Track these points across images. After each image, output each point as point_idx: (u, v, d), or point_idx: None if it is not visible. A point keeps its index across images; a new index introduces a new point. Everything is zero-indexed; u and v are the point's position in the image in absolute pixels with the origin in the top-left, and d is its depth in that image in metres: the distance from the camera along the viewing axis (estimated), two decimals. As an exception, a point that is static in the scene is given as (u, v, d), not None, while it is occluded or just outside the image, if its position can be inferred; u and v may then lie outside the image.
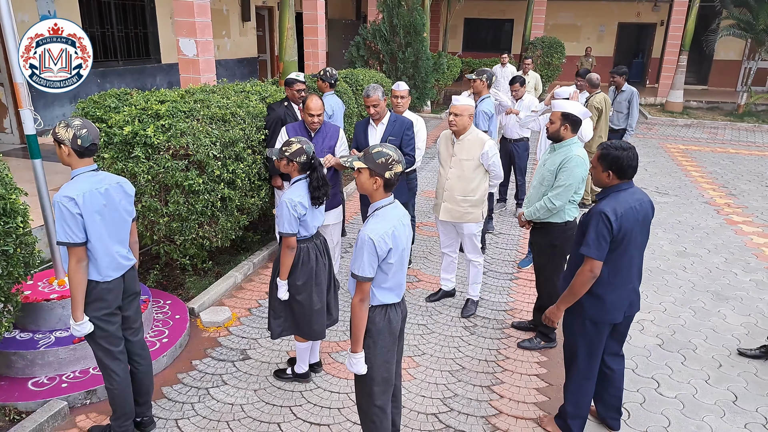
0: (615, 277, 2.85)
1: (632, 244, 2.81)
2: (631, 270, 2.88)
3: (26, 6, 7.79)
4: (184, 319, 4.09)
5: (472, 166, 4.12)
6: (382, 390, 2.61)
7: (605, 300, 2.87)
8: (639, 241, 2.85)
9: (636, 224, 2.78)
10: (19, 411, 3.14)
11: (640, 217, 2.79)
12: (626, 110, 7.11)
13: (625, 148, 2.78)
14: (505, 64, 10.74)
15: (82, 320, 2.68)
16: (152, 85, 10.40)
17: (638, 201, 2.81)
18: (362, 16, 18.77)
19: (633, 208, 2.77)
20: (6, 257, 2.93)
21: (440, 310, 4.59)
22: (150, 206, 4.15)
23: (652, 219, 2.91)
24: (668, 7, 17.73)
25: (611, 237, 2.74)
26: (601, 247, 2.74)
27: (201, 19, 6.49)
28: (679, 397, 3.57)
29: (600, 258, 2.76)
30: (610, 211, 2.72)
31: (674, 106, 15.29)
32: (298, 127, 4.35)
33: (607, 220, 2.71)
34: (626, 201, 2.77)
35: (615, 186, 2.83)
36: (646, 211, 2.83)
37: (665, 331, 4.36)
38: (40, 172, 3.49)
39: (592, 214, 2.80)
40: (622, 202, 2.76)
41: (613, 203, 2.76)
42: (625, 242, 2.78)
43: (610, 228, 2.72)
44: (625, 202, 2.77)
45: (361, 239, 2.41)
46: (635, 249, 2.85)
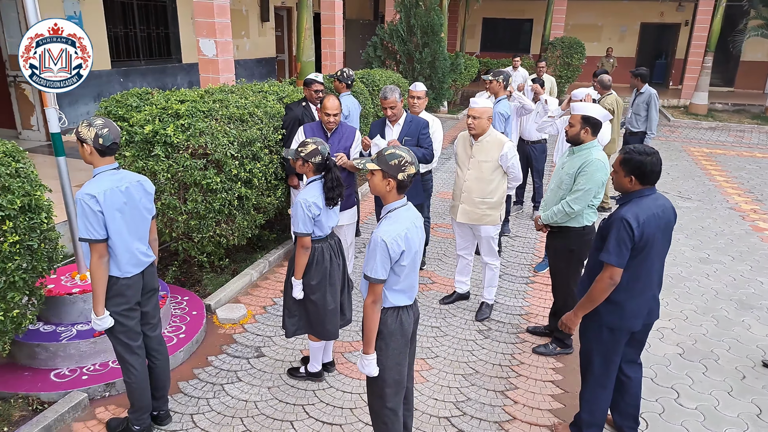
0: (635, 284, 2.81)
1: (653, 251, 2.77)
2: (651, 277, 2.84)
3: (53, 7, 7.97)
4: (201, 315, 4.15)
5: (491, 167, 4.10)
6: (393, 392, 2.62)
7: (624, 307, 2.84)
8: (660, 248, 2.81)
9: (658, 231, 2.74)
10: (42, 401, 3.23)
11: (662, 224, 2.75)
12: (645, 112, 7.00)
13: (649, 152, 2.74)
14: (517, 67, 10.57)
15: (102, 315, 2.74)
16: (173, 84, 10.55)
17: (661, 207, 2.77)
18: (380, 17, 18.80)
19: (655, 215, 2.73)
20: (30, 252, 3.01)
21: (454, 312, 4.58)
22: (169, 204, 4.22)
23: (675, 225, 2.87)
24: (693, 6, 17.42)
25: (632, 244, 2.70)
26: (622, 254, 2.71)
27: (220, 20, 6.57)
28: (699, 409, 3.50)
29: (620, 265, 2.72)
30: (632, 218, 2.68)
31: (698, 108, 15.01)
32: (315, 127, 4.39)
33: (629, 227, 2.68)
34: (649, 207, 2.73)
35: (637, 192, 2.79)
36: (669, 218, 2.79)
37: (686, 340, 4.28)
38: (64, 170, 3.58)
39: (613, 219, 2.76)
40: (644, 209, 2.72)
41: (635, 209, 2.72)
42: (646, 249, 2.74)
43: (632, 235, 2.68)
44: (648, 209, 2.73)
45: (373, 241, 2.42)
46: (656, 256, 2.81)
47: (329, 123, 4.26)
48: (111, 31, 9.12)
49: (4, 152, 2.96)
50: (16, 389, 3.26)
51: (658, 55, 20.76)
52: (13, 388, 3.26)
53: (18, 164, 3.00)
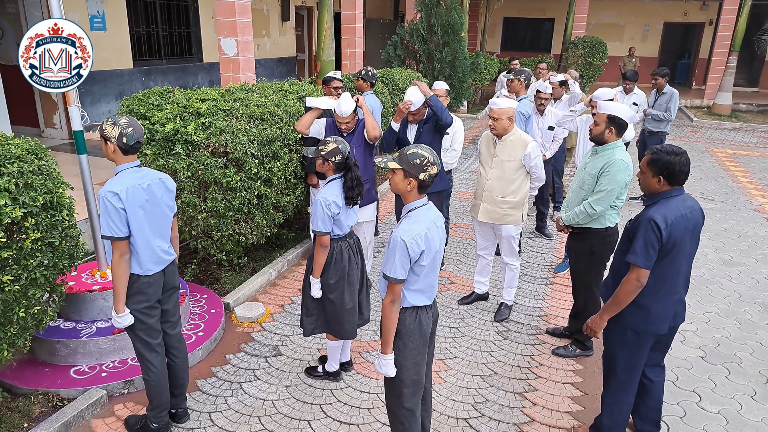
0: (661, 286, 2.75)
1: (681, 253, 2.70)
2: (678, 280, 2.77)
3: (77, 6, 8.09)
4: (220, 313, 4.16)
5: (514, 167, 4.05)
6: (411, 392, 2.59)
7: (650, 310, 2.77)
8: (688, 250, 2.74)
9: (686, 233, 2.67)
10: (62, 398, 3.26)
11: (690, 225, 2.68)
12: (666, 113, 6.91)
13: (677, 152, 2.67)
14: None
15: (123, 312, 2.76)
16: (194, 83, 10.65)
17: (689, 209, 2.70)
18: (400, 16, 18.77)
19: (684, 216, 2.66)
20: (52, 249, 3.04)
21: (473, 313, 4.54)
22: (189, 202, 4.24)
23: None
24: (717, 5, 17.07)
25: (660, 246, 2.64)
26: (649, 256, 2.65)
27: (242, 19, 6.59)
28: (722, 413, 3.42)
29: (647, 267, 2.66)
30: (660, 219, 2.62)
31: (722, 108, 14.70)
32: (332, 124, 4.38)
33: (657, 228, 2.62)
34: (677, 208, 2.67)
35: (665, 192, 2.72)
36: (697, 220, 2.72)
37: (708, 343, 4.19)
38: (86, 167, 3.61)
39: (640, 221, 2.70)
40: (672, 210, 2.65)
41: (663, 210, 2.66)
42: (674, 251, 2.67)
43: (660, 236, 2.62)
44: (676, 210, 2.66)
45: (393, 240, 2.39)
46: (683, 258, 2.74)
47: (344, 129, 4.25)
48: (133, 30, 9.23)
49: (27, 150, 2.99)
50: (37, 385, 3.29)
51: (681, 55, 20.41)
52: (33, 385, 3.30)
53: (41, 162, 3.03)
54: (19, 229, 2.85)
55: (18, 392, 3.28)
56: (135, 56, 9.30)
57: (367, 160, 4.39)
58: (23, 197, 2.81)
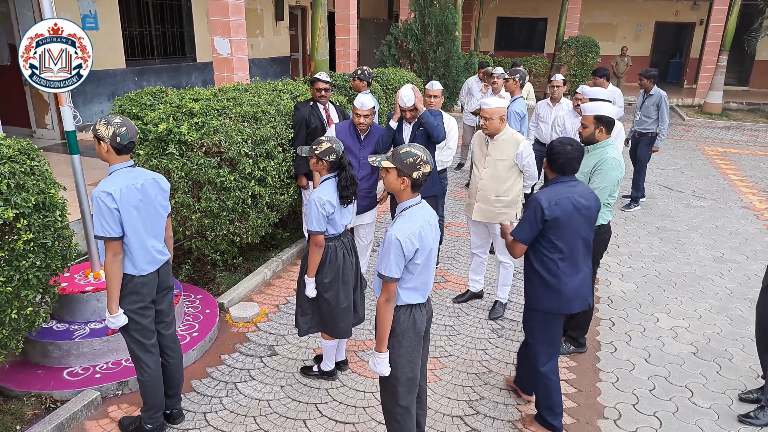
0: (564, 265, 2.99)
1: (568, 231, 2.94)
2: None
3: (68, 6, 8.04)
4: (214, 313, 4.15)
5: (507, 166, 4.07)
6: (406, 390, 2.60)
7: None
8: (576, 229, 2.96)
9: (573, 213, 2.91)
10: (55, 399, 3.24)
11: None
12: (655, 114, 6.88)
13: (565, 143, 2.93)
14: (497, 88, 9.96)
15: (117, 313, 2.74)
16: (187, 83, 10.61)
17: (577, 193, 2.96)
18: (394, 15, 18.78)
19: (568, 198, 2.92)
20: (45, 250, 3.02)
21: (467, 311, 4.55)
22: (183, 202, 4.23)
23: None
24: (708, 5, 17.19)
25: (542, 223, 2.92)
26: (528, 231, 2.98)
27: (235, 19, 6.57)
28: (714, 408, 3.46)
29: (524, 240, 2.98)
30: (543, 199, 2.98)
31: (713, 107, 14.81)
32: (348, 128, 4.36)
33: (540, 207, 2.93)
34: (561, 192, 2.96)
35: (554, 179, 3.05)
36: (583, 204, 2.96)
37: (700, 339, 4.23)
38: (78, 168, 3.59)
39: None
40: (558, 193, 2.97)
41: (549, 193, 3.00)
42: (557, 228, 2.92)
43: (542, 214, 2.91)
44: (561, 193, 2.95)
45: (388, 239, 2.40)
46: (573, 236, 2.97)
47: (360, 124, 4.23)
48: (126, 29, 9.18)
49: (19, 150, 2.97)
50: (30, 387, 3.27)
51: (673, 54, 20.53)
52: (26, 387, 3.28)
53: (33, 162, 3.01)
54: (11, 230, 2.84)
55: (10, 394, 3.26)
56: (128, 56, 9.26)
57: (375, 168, 4.39)
58: (15, 198, 2.79)
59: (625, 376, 3.76)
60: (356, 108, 4.22)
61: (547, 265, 2.97)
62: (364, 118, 4.22)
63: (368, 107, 4.20)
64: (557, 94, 6.07)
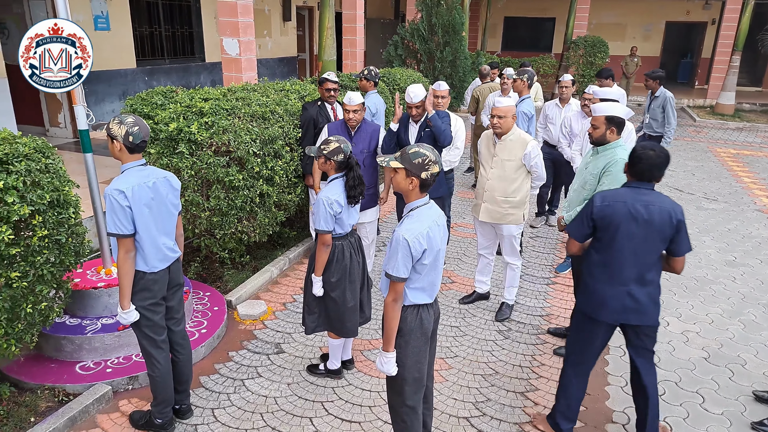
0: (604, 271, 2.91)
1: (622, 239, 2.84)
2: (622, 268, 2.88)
3: (81, 7, 8.13)
4: (222, 311, 4.20)
5: (514, 166, 4.07)
6: (413, 390, 2.61)
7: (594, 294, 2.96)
8: (632, 239, 2.84)
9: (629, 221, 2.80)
10: (67, 393, 3.30)
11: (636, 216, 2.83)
12: (661, 116, 6.78)
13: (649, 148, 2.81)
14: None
15: (128, 309, 2.79)
16: (196, 83, 10.69)
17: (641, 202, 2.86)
18: (401, 16, 18.78)
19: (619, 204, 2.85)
20: (59, 246, 3.08)
21: (474, 312, 4.56)
22: (192, 201, 4.27)
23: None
24: (720, 5, 17.06)
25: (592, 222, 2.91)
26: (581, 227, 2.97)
27: (244, 19, 6.62)
28: (726, 414, 3.43)
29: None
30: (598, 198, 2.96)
31: (725, 108, 14.69)
32: (340, 126, 4.41)
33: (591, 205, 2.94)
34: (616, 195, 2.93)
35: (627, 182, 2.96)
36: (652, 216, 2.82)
37: (712, 344, 4.20)
38: (91, 166, 3.64)
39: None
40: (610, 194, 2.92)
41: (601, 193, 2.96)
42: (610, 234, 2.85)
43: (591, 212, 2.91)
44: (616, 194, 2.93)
45: (395, 239, 2.42)
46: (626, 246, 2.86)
47: (350, 120, 4.28)
48: (137, 30, 9.27)
49: (34, 148, 3.02)
50: (43, 381, 3.33)
51: (684, 54, 20.38)
52: (40, 380, 3.34)
53: (48, 160, 3.06)
54: (27, 227, 2.89)
55: (25, 387, 3.32)
56: (138, 56, 9.34)
57: (373, 165, 4.43)
58: (31, 195, 2.85)
59: (631, 378, 3.75)
60: (345, 104, 4.28)
61: (588, 264, 2.94)
62: (353, 113, 4.26)
63: (356, 102, 4.24)
64: (566, 95, 6.03)
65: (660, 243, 2.80)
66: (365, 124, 4.41)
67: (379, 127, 4.51)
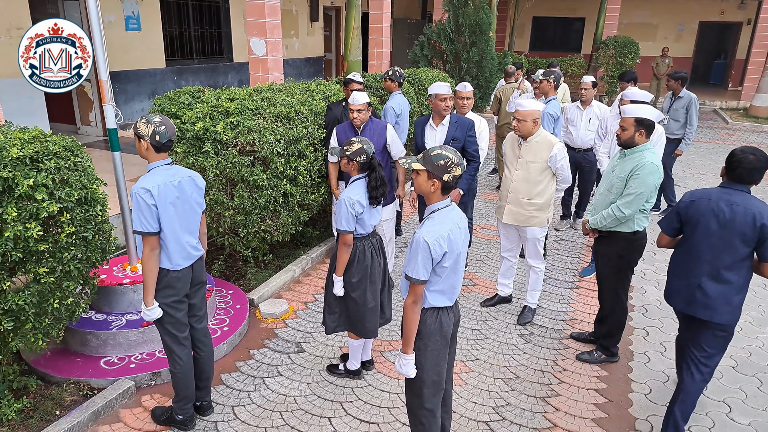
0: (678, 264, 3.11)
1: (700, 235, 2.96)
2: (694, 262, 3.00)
3: (113, 8, 8.31)
4: (244, 309, 4.23)
5: (539, 168, 4.01)
6: (432, 393, 2.59)
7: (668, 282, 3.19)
8: (709, 235, 2.93)
9: (710, 217, 2.91)
10: (92, 387, 3.37)
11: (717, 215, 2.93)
12: (684, 118, 6.58)
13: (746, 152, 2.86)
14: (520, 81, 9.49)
15: (152, 305, 2.83)
16: (224, 82, 10.83)
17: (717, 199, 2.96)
18: (428, 16, 18.73)
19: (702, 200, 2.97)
20: (86, 243, 3.14)
21: (495, 315, 4.51)
22: (217, 199, 4.32)
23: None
24: (756, 4, 16.55)
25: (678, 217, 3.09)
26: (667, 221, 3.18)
27: (271, 20, 6.68)
28: (753, 425, 3.33)
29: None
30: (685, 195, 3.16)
31: (760, 110, 14.25)
32: (347, 127, 4.43)
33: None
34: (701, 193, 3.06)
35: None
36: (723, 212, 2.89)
37: (740, 353, 4.08)
38: (119, 164, 3.71)
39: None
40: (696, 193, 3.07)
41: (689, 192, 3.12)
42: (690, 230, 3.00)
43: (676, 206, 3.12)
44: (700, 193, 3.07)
45: (416, 241, 2.40)
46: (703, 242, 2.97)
47: (354, 120, 4.30)
48: (167, 30, 9.44)
49: (63, 147, 3.09)
50: (69, 375, 3.41)
51: (717, 55, 19.84)
52: (65, 374, 3.42)
53: (76, 158, 3.13)
54: (55, 223, 2.96)
55: (51, 380, 3.40)
56: (168, 56, 9.51)
57: (384, 162, 4.44)
58: (59, 192, 2.91)
59: (658, 387, 3.67)
60: (349, 103, 4.31)
61: (672, 254, 3.17)
62: (357, 113, 4.28)
63: (359, 102, 4.26)
64: (586, 97, 5.91)
65: (740, 244, 2.84)
66: (371, 123, 4.42)
67: (386, 125, 4.51)
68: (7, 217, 2.68)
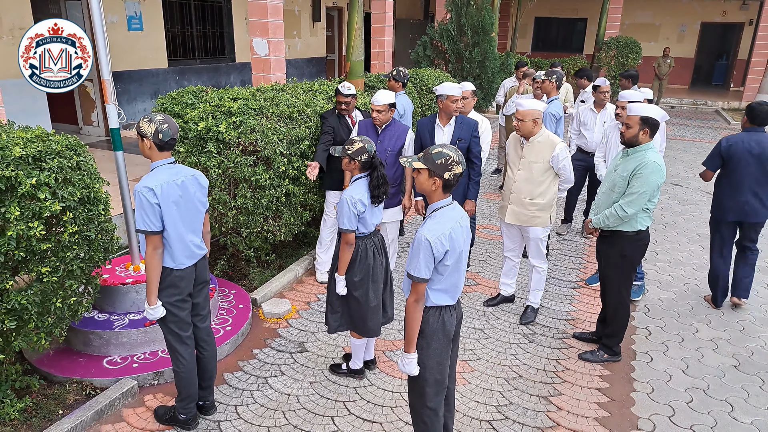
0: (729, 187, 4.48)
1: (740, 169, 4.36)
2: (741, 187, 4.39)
3: (115, 8, 8.33)
4: (247, 308, 4.24)
5: (542, 168, 4.01)
6: (434, 392, 2.59)
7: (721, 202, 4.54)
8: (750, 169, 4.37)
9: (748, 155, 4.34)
10: (95, 386, 3.37)
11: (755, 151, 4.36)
12: None
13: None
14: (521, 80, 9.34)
15: (155, 305, 2.83)
16: (226, 82, 10.84)
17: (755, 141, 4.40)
18: (430, 16, 18.73)
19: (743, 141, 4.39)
20: (88, 242, 3.14)
21: (498, 315, 4.50)
22: (219, 199, 4.33)
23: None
24: (758, 5, 16.52)
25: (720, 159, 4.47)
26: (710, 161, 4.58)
27: (273, 20, 6.68)
28: (755, 424, 3.32)
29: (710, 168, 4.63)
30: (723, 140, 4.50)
31: (762, 111, 14.22)
32: (369, 124, 4.42)
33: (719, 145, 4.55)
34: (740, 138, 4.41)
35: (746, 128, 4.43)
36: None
37: (742, 352, 4.07)
38: (122, 164, 3.71)
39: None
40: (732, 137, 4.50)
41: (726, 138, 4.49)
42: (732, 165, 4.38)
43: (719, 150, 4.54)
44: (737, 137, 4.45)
45: (417, 240, 2.40)
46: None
47: (375, 119, 4.28)
48: (169, 30, 9.46)
49: (66, 146, 3.09)
50: (71, 374, 3.41)
51: (719, 56, 19.82)
52: (68, 373, 3.42)
53: (79, 158, 3.13)
54: (58, 223, 2.96)
55: (54, 380, 3.40)
56: (170, 56, 9.53)
57: (397, 164, 4.41)
58: (62, 192, 2.92)
59: (660, 387, 3.66)
60: (372, 103, 4.27)
61: (719, 184, 4.49)
62: (377, 113, 4.24)
63: (381, 103, 4.20)
64: (604, 100, 5.84)
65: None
66: (394, 124, 4.39)
67: (407, 128, 4.47)
68: (10, 216, 2.68)
